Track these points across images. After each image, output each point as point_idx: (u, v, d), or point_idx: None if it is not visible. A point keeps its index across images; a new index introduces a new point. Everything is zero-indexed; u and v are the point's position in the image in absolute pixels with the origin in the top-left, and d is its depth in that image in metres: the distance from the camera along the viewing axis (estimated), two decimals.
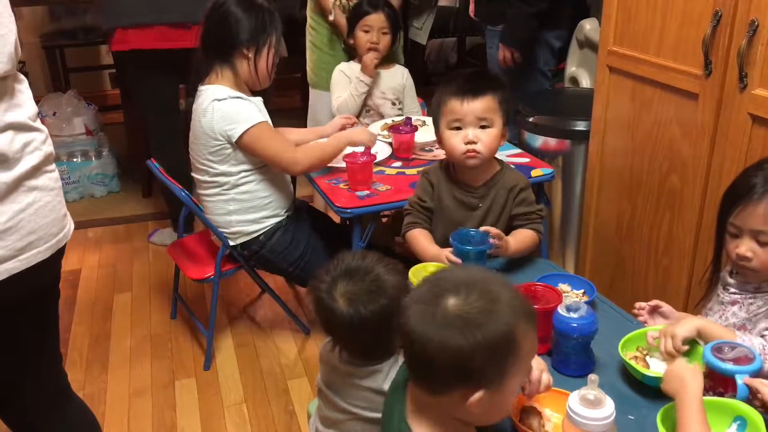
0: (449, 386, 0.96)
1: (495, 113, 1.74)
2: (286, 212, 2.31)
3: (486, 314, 0.93)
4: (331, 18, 2.95)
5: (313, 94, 3.04)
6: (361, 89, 2.73)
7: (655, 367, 1.34)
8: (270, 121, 2.22)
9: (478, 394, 0.94)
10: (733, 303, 1.44)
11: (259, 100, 2.23)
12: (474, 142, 1.72)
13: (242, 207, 2.22)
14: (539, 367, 1.19)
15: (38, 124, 1.22)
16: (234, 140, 2.11)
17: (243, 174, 2.19)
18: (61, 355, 1.45)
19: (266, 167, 2.22)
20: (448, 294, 0.95)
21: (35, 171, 1.18)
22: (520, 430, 1.19)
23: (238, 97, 2.13)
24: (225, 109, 2.10)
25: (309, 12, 3.00)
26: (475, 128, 1.73)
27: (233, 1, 2.14)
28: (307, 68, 3.08)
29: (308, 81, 3.08)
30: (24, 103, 1.19)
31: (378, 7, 2.73)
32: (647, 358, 1.37)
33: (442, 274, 1.02)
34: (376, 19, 2.71)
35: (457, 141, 1.74)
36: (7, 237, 1.12)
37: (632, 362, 1.33)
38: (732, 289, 1.45)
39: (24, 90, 1.20)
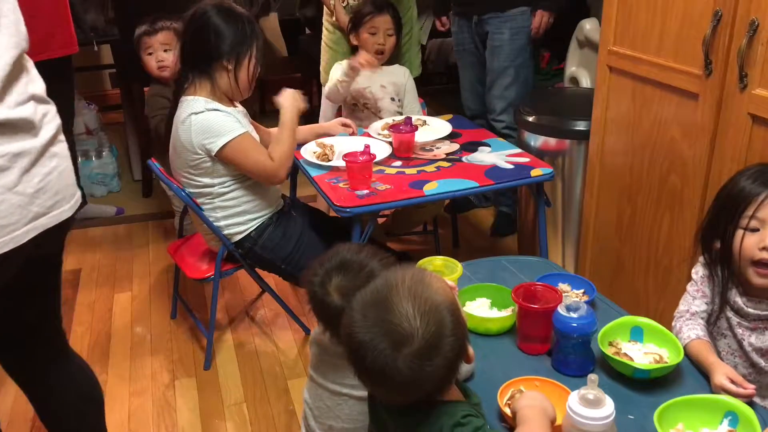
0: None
1: None
2: (274, 209, 2.29)
3: (433, 356, 0.98)
4: (333, 19, 2.97)
5: None
6: (346, 78, 2.68)
7: (640, 360, 1.35)
8: (252, 131, 2.20)
9: None
10: (755, 329, 1.42)
11: (241, 110, 2.21)
12: None
13: (228, 213, 2.21)
14: None
15: (47, 98, 1.34)
16: (213, 153, 2.08)
17: (225, 183, 2.17)
18: (61, 317, 1.59)
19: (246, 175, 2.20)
20: (401, 342, 0.98)
21: (54, 139, 1.30)
22: (506, 417, 1.21)
23: (215, 110, 2.08)
24: (202, 122, 2.07)
25: (325, 15, 3.02)
26: None
27: (213, 12, 2.08)
28: (321, 68, 3.10)
29: (320, 80, 3.10)
30: (36, 78, 1.30)
31: (383, 9, 2.73)
32: (627, 352, 1.37)
33: (383, 314, 1.01)
34: (382, 21, 2.73)
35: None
36: (41, 196, 1.25)
37: (618, 357, 1.33)
38: (753, 314, 1.42)
39: (32, 68, 1.31)
